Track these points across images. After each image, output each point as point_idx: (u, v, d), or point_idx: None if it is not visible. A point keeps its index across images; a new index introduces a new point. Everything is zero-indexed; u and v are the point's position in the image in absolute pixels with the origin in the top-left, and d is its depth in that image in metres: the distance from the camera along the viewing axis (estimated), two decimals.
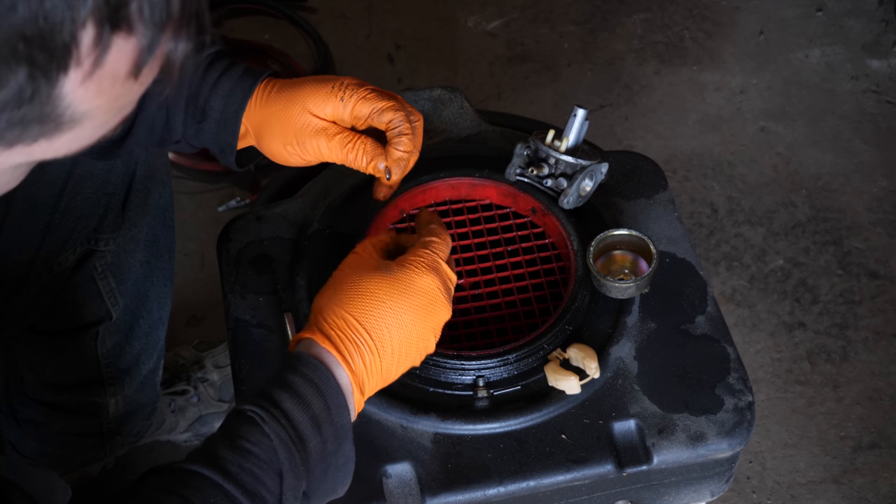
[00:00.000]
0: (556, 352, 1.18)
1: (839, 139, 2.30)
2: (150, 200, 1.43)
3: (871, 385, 1.92)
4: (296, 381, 0.93)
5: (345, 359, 0.96)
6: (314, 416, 0.93)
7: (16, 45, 0.61)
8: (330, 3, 2.57)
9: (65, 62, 0.63)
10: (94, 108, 0.67)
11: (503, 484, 1.12)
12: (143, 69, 0.67)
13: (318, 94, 1.14)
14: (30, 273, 1.33)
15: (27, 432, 1.63)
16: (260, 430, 0.90)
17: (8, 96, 0.63)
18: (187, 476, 0.88)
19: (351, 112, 1.14)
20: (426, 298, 1.00)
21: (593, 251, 1.22)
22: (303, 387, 0.93)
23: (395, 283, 0.99)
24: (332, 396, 0.94)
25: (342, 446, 0.95)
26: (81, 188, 1.32)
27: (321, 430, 0.93)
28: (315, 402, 0.93)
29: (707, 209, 2.18)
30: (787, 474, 1.82)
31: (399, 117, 1.14)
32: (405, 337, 0.99)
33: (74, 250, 1.36)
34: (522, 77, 2.43)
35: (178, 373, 1.84)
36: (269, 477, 0.89)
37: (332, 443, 0.94)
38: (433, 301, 1.01)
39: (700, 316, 1.25)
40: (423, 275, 1.01)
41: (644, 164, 1.41)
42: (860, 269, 2.08)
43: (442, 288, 1.02)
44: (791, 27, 2.52)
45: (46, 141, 0.68)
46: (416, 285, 1.00)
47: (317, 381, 0.94)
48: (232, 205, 2.15)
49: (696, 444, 1.15)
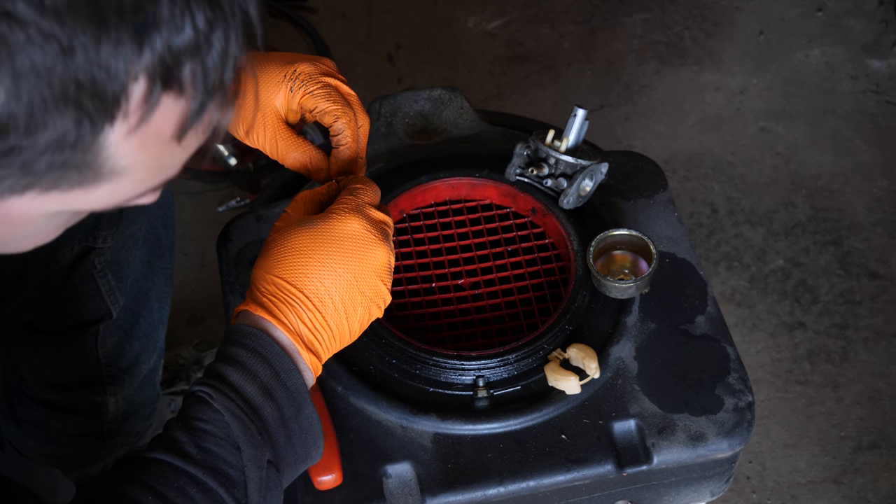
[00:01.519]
0: (556, 352, 1.18)
1: (839, 139, 2.30)
2: None
3: (871, 385, 1.92)
4: (238, 352, 0.93)
5: (281, 321, 0.94)
6: (263, 383, 0.92)
7: (68, 89, 0.62)
8: (330, 3, 2.57)
9: (112, 113, 0.64)
10: (135, 163, 0.68)
11: (503, 484, 1.12)
12: (188, 132, 0.68)
13: (272, 80, 1.10)
14: (25, 269, 1.33)
15: (27, 432, 1.63)
16: (210, 408, 0.90)
17: (52, 138, 0.63)
18: (148, 464, 0.88)
19: (298, 104, 1.10)
20: (355, 243, 0.96)
21: (593, 251, 1.22)
22: (246, 357, 0.92)
23: (319, 234, 0.96)
24: (278, 361, 0.93)
25: (301, 410, 0.94)
26: None
27: (273, 396, 0.92)
28: (261, 370, 0.92)
29: (707, 209, 2.18)
30: (787, 474, 1.82)
31: (339, 125, 1.08)
32: (343, 286, 0.95)
33: (72, 247, 1.36)
34: (522, 77, 2.43)
35: (178, 373, 1.84)
36: (228, 451, 0.89)
37: (289, 408, 0.93)
38: (364, 244, 0.96)
39: (700, 316, 1.25)
40: (346, 220, 0.97)
41: (644, 164, 1.41)
42: (860, 269, 2.07)
43: (372, 229, 0.97)
44: (791, 27, 2.52)
45: (83, 191, 0.68)
46: (341, 231, 0.96)
47: (259, 348, 0.93)
48: (232, 205, 2.15)
49: (696, 444, 1.15)
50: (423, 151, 1.41)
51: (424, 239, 1.32)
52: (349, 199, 0.99)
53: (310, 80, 1.09)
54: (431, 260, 1.30)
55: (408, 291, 1.27)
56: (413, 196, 1.33)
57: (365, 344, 1.20)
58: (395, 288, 1.26)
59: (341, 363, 1.19)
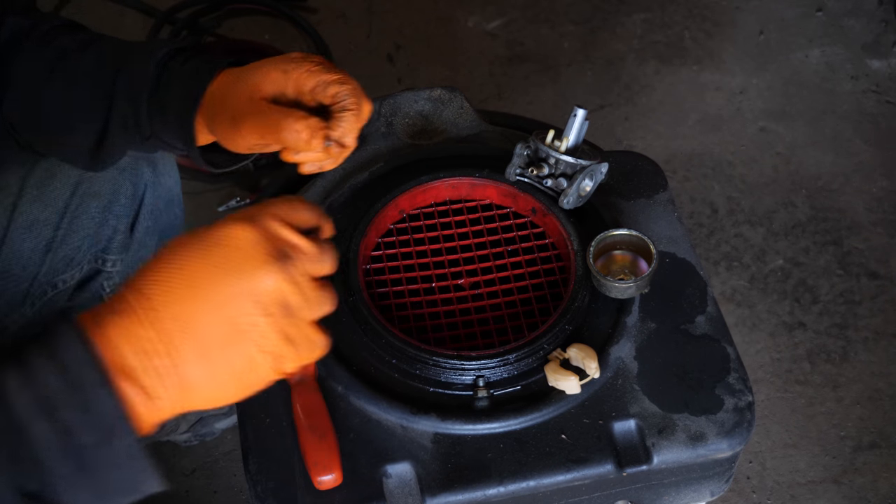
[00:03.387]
0: (556, 352, 1.18)
1: (839, 139, 2.30)
2: (161, 222, 1.42)
3: (871, 385, 1.92)
4: (32, 351, 0.75)
5: (104, 334, 0.75)
6: (43, 396, 0.73)
7: None
8: (330, 3, 2.57)
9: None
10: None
11: (503, 484, 1.12)
12: None
13: (261, 69, 1.03)
14: (31, 288, 1.33)
15: None
16: None
17: None
18: None
19: (294, 84, 1.02)
20: (223, 252, 0.77)
21: (593, 251, 1.22)
22: (37, 359, 0.74)
23: (195, 237, 0.78)
24: (80, 373, 0.74)
25: (112, 440, 0.74)
26: (86, 207, 1.32)
27: (55, 415, 0.73)
28: (51, 381, 0.73)
29: (707, 209, 2.18)
30: (787, 474, 1.82)
31: (345, 91, 1.01)
32: (203, 305, 0.76)
33: (81, 268, 1.36)
34: (522, 77, 2.43)
35: None
36: None
37: (87, 433, 0.74)
38: (237, 257, 0.77)
39: (700, 316, 1.25)
40: (228, 225, 0.78)
41: (644, 164, 1.41)
42: (860, 269, 2.08)
43: (262, 243, 0.78)
44: (791, 27, 2.52)
45: None
46: (215, 237, 0.78)
47: (61, 353, 0.74)
48: (232, 205, 2.15)
49: (696, 444, 1.15)
50: (423, 151, 1.41)
51: (424, 239, 1.32)
52: (257, 206, 0.81)
53: (303, 60, 1.04)
54: (431, 260, 1.30)
55: (408, 291, 1.27)
56: (413, 196, 1.33)
57: (365, 344, 1.20)
58: (396, 288, 1.27)
59: (341, 363, 1.19)
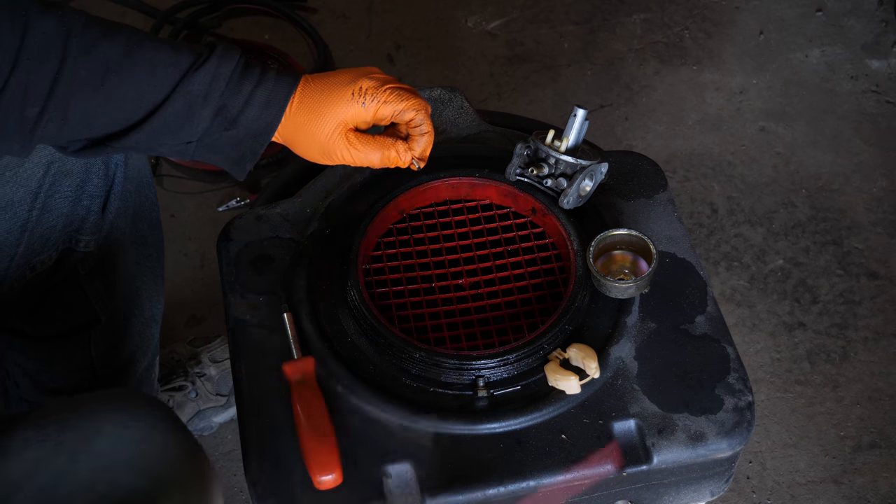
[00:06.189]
0: (556, 352, 1.18)
1: (839, 139, 2.30)
2: (132, 203, 1.42)
3: (871, 385, 1.92)
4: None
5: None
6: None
7: None
8: (330, 3, 2.57)
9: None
10: None
11: (503, 484, 1.12)
12: None
13: (340, 104, 1.17)
14: (9, 271, 1.33)
15: None
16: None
17: None
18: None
19: (373, 115, 1.18)
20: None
21: (593, 251, 1.22)
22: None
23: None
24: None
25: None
26: (59, 186, 1.32)
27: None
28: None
29: (707, 209, 2.18)
30: (787, 474, 1.82)
31: (420, 116, 1.19)
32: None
33: (57, 248, 1.36)
34: (522, 77, 2.43)
35: (175, 369, 1.84)
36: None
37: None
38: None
39: (700, 316, 1.25)
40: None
41: (644, 164, 1.41)
42: (860, 269, 2.07)
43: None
44: (791, 27, 2.52)
45: None
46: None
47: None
48: (232, 205, 2.15)
49: (695, 444, 1.15)
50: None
51: (424, 239, 1.32)
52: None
53: (378, 89, 1.17)
54: (431, 260, 1.30)
55: (408, 291, 1.27)
56: (413, 196, 1.33)
57: (365, 344, 1.20)
58: (396, 288, 1.27)
59: (341, 363, 1.19)
